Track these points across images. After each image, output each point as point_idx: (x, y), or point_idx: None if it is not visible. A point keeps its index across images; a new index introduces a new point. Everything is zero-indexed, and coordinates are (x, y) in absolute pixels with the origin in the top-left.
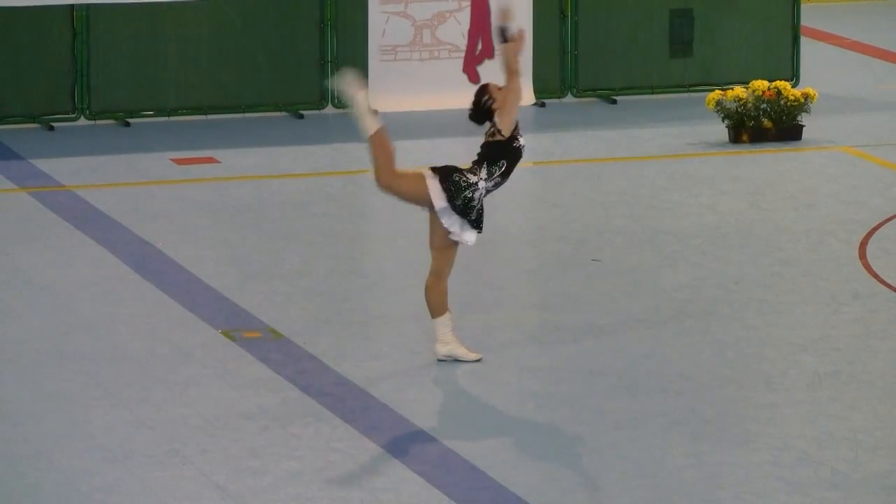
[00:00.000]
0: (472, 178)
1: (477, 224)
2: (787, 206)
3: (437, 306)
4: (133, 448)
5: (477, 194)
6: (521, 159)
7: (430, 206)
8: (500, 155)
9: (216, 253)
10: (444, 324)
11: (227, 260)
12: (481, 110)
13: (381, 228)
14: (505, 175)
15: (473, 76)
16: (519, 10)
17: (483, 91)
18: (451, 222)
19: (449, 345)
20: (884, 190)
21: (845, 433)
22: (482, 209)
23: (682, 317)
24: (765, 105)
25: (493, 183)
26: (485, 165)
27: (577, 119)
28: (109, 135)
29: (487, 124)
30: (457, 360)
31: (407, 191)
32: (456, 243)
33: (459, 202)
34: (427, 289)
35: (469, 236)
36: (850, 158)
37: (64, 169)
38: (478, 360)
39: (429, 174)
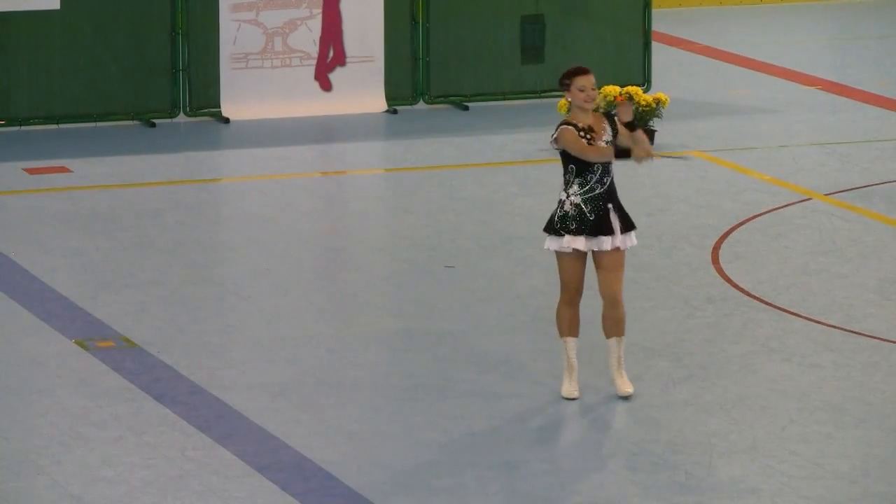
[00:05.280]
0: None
1: (551, 229)
2: (639, 210)
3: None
4: None
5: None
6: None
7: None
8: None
9: (69, 262)
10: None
11: (80, 269)
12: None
13: (235, 236)
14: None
15: (325, 83)
16: (370, 17)
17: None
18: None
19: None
20: (735, 194)
21: (699, 437)
22: (563, 214)
23: (536, 322)
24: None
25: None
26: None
27: (429, 126)
28: None
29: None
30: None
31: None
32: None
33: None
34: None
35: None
36: (702, 163)
37: None
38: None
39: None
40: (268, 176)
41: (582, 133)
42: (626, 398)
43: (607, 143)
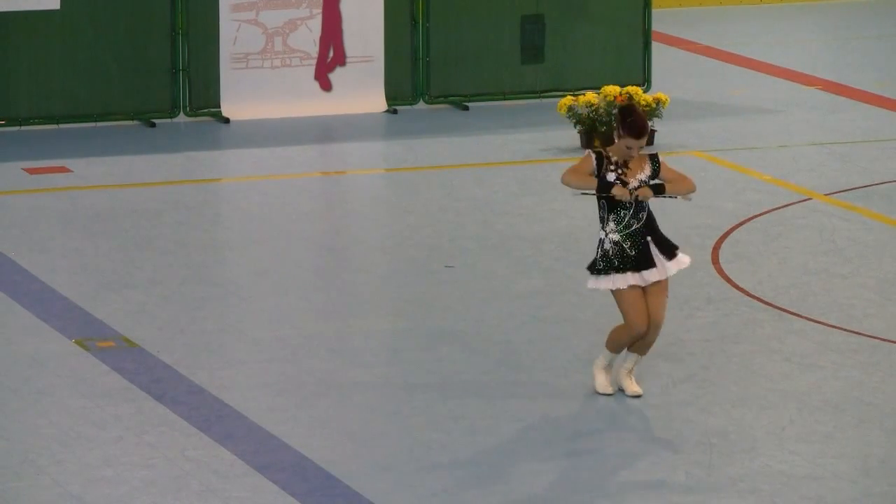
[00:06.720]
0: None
1: (594, 269)
2: None
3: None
4: None
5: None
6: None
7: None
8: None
9: (69, 262)
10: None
11: (80, 269)
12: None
13: (234, 236)
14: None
15: (325, 83)
16: (370, 17)
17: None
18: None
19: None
20: (735, 194)
21: (699, 437)
22: (604, 253)
23: (536, 323)
24: (616, 110)
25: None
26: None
27: (429, 126)
28: None
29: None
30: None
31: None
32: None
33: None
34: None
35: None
36: (702, 163)
37: None
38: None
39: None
40: (268, 176)
41: (613, 167)
42: (635, 397)
43: (642, 182)
